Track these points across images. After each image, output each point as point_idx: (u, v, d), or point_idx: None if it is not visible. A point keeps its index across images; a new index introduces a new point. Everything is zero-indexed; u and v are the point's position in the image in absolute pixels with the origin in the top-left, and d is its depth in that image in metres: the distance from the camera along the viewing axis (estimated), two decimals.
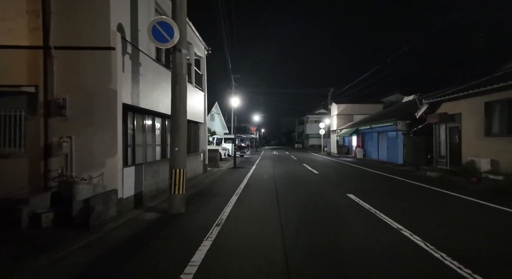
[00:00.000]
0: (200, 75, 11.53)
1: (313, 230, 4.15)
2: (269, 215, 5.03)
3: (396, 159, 15.91)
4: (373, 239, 3.74)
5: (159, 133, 7.78)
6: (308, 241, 3.71)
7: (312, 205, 5.82)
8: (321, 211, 5.28)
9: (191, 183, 8.66)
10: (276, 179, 9.77)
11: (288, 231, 4.09)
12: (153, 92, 6.67)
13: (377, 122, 17.77)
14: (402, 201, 6.36)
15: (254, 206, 5.75)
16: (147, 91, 6.30)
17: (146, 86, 6.22)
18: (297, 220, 4.66)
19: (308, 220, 4.70)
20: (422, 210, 5.43)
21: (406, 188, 8.12)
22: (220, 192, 7.33)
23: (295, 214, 5.04)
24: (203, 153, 11.51)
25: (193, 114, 10.13)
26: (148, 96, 6.37)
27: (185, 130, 5.45)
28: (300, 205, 5.77)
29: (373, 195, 6.86)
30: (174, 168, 5.23)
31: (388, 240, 3.72)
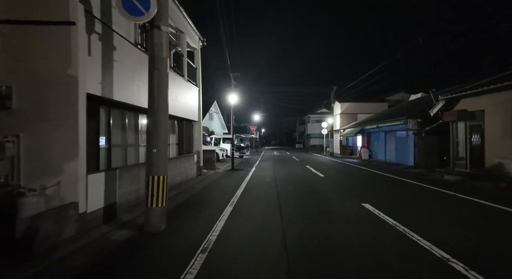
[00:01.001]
0: (194, 69, 10.50)
1: (331, 263, 3.10)
2: (271, 234, 3.99)
3: (405, 160, 14.86)
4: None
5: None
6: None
7: (324, 220, 4.77)
8: (337, 230, 4.23)
9: (181, 188, 7.62)
10: (277, 183, 8.73)
11: (296, 264, 3.04)
12: (133, 83, 5.64)
13: (385, 121, 16.72)
14: (432, 213, 5.31)
15: (252, 220, 4.71)
16: (124, 81, 5.27)
17: (123, 76, 5.19)
18: (307, 245, 3.62)
19: (321, 245, 3.66)
20: (466, 230, 4.38)
21: (428, 196, 7.07)
22: (213, 200, 6.29)
23: (304, 235, 4.00)
24: (197, 154, 10.48)
25: (185, 112, 9.11)
26: (126, 88, 5.34)
27: (166, 128, 4.42)
28: (309, 220, 4.72)
29: (394, 206, 5.82)
30: (151, 175, 4.19)
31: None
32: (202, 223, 4.51)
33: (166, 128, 4.39)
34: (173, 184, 7.80)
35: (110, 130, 5.27)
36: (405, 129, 14.32)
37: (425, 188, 8.01)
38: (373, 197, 6.59)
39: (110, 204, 4.74)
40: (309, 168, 13.53)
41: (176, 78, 8.23)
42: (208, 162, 13.08)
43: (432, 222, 4.59)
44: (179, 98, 8.45)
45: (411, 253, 3.31)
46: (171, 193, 6.91)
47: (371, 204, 5.76)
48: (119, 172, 5.07)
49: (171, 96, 7.86)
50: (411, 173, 11.74)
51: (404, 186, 8.53)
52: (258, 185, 8.52)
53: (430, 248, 3.40)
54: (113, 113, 5.40)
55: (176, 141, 9.25)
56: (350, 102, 26.67)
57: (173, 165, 7.92)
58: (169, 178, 7.89)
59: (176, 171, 8.10)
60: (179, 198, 6.57)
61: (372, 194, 7.16)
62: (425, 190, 7.80)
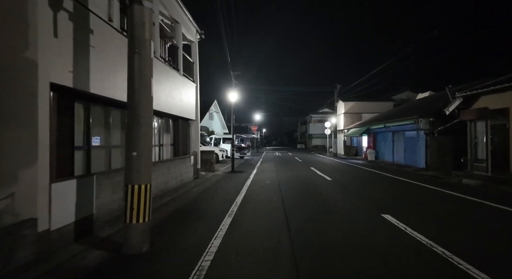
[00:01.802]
0: (191, 63, 9.73)
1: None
2: (278, 257, 3.20)
3: (415, 162, 14.04)
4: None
5: None
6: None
7: (339, 236, 3.98)
8: (356, 251, 3.44)
9: (175, 194, 6.84)
10: (282, 188, 7.93)
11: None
12: (117, 75, 4.85)
13: (393, 121, 15.90)
14: (473, 229, 4.51)
15: (255, 238, 3.92)
16: (106, 72, 4.50)
17: (103, 66, 4.42)
18: (323, 272, 2.83)
19: (341, 272, 2.87)
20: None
21: (455, 204, 6.28)
22: (210, 210, 5.51)
23: (317, 257, 3.21)
24: (194, 155, 9.71)
25: (181, 109, 8.34)
26: (107, 80, 4.56)
27: (149, 126, 3.63)
28: (322, 236, 3.93)
29: (418, 217, 5.03)
30: (131, 183, 3.42)
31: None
32: (194, 242, 3.73)
33: (150, 127, 3.61)
34: (166, 189, 7.02)
35: (89, 130, 4.50)
36: (416, 129, 13.50)
37: (446, 194, 7.20)
38: (392, 206, 5.79)
39: (84, 217, 3.95)
40: (314, 170, 12.73)
41: (170, 73, 7.45)
42: (207, 163, 12.31)
43: (479, 244, 3.79)
44: (173, 95, 7.68)
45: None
46: (163, 200, 6.14)
47: (392, 214, 4.96)
48: (97, 178, 4.29)
49: (163, 91, 7.11)
50: (424, 176, 10.92)
51: (422, 191, 7.72)
52: (260, 190, 7.73)
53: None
54: (94, 109, 4.63)
55: (171, 141, 8.48)
56: (354, 102, 25.84)
57: (167, 168, 7.14)
58: (162, 183, 7.14)
59: (170, 174, 7.33)
60: (171, 206, 5.78)
61: (389, 201, 6.36)
62: (448, 196, 6.99)
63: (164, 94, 6.93)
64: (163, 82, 6.92)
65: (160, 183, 6.63)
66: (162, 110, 6.89)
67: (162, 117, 7.70)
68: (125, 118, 5.66)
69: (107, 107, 5.02)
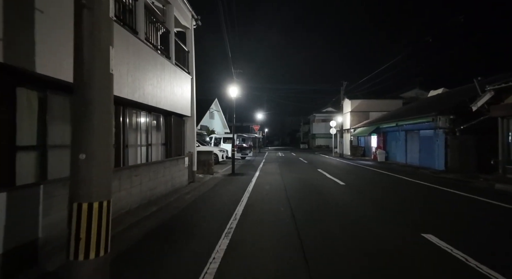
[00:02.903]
0: (186, 53, 8.64)
1: None
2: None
3: (431, 163, 12.87)
4: None
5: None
6: None
7: (382, 273, 2.86)
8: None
9: (162, 202, 5.75)
10: (289, 195, 6.81)
11: None
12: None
13: (407, 119, 14.73)
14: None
15: (260, 273, 2.80)
16: (63, 49, 3.40)
17: (60, 39, 3.32)
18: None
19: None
20: None
21: (503, 217, 5.14)
22: (201, 226, 4.40)
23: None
24: (189, 156, 8.61)
25: (173, 104, 7.25)
26: (67, 59, 3.46)
27: (107, 115, 2.50)
28: (357, 274, 2.81)
29: (470, 238, 3.90)
30: (77, 201, 2.31)
31: None
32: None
33: (108, 116, 2.48)
34: (153, 196, 5.93)
35: (45, 125, 3.41)
36: (434, 127, 12.34)
37: (486, 204, 6.06)
38: (429, 221, 4.67)
39: (24, 244, 2.86)
40: (323, 173, 11.59)
41: (159, 60, 6.36)
42: (205, 165, 11.21)
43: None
44: (163, 86, 6.60)
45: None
46: (147, 211, 5.05)
47: (435, 234, 3.84)
48: (47, 188, 3.19)
49: (150, 80, 6.00)
50: (447, 180, 9.76)
51: (454, 199, 6.58)
52: (264, 197, 6.61)
53: None
54: (52, 98, 3.54)
55: (162, 140, 7.40)
56: (361, 100, 24.65)
57: (154, 171, 6.05)
58: (147, 190, 5.99)
59: (158, 179, 6.23)
60: (155, 219, 4.68)
61: (422, 214, 5.23)
62: (491, 207, 5.85)
63: (150, 83, 5.85)
64: (149, 70, 5.84)
65: (144, 190, 5.54)
66: (148, 103, 5.81)
67: (150, 112, 6.62)
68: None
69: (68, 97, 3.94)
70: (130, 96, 5.10)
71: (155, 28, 6.83)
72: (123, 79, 4.82)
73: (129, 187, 4.96)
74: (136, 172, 5.22)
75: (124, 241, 3.62)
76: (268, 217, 4.84)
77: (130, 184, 4.99)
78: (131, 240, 3.69)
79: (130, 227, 4.19)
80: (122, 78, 4.76)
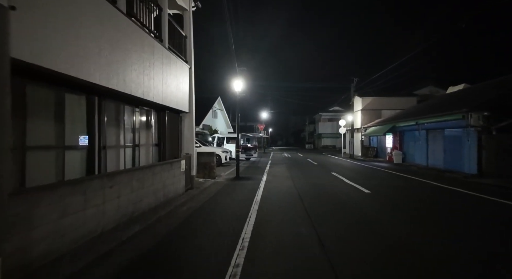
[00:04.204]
0: (182, 38, 7.41)
1: None
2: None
3: (460, 166, 11.47)
4: None
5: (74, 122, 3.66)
6: None
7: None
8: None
9: (149, 219, 4.50)
10: (308, 209, 5.53)
11: None
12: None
13: (429, 117, 13.32)
14: None
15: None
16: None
17: None
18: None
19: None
20: None
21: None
22: (195, 262, 3.13)
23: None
24: (187, 159, 7.38)
25: (167, 97, 6.03)
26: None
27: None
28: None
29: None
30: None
31: None
32: None
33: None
34: (137, 211, 4.69)
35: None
36: (464, 125, 10.93)
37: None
38: (506, 254, 3.35)
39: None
40: (339, 177, 10.27)
41: (146, 40, 5.13)
42: (206, 168, 9.99)
43: None
44: (153, 74, 5.37)
45: None
46: (126, 234, 3.82)
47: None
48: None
49: (133, 65, 4.68)
50: (487, 187, 8.38)
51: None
52: (277, 212, 5.34)
53: None
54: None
55: (153, 141, 6.19)
56: (373, 97, 23.20)
57: (138, 180, 4.81)
58: (128, 204, 4.25)
59: (145, 189, 4.99)
60: (131, 249, 3.43)
61: (494, 243, 3.92)
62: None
63: (134, 69, 4.62)
64: (134, 51, 4.61)
65: (124, 205, 4.30)
66: (132, 93, 4.58)
67: (137, 106, 5.40)
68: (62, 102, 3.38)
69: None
70: (104, 82, 3.88)
71: (144, 5, 5.59)
72: (93, 58, 3.60)
73: (101, 203, 3.72)
74: (112, 181, 3.99)
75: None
76: (287, 246, 3.56)
77: (103, 198, 3.76)
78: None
79: (92, 264, 2.96)
80: (90, 57, 3.54)
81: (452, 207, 5.80)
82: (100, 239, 3.57)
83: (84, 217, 3.38)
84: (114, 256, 3.18)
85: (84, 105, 4.03)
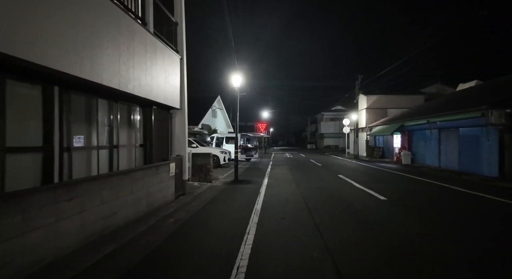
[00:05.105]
0: (173, 24, 6.56)
1: None
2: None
3: (477, 168, 10.58)
4: None
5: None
6: None
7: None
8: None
9: (124, 237, 3.65)
10: (317, 221, 4.66)
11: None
12: None
13: (442, 115, 12.42)
14: None
15: None
16: None
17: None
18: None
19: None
20: None
21: None
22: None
23: None
24: (177, 161, 6.52)
25: (152, 91, 5.18)
26: None
27: None
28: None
29: None
30: None
31: None
32: None
33: None
34: (109, 228, 3.82)
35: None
36: (483, 124, 10.03)
37: None
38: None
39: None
40: (348, 181, 9.39)
41: (124, 20, 4.27)
42: (202, 170, 9.14)
43: None
44: (133, 63, 4.52)
45: None
46: (89, 260, 2.97)
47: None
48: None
49: (105, 49, 3.78)
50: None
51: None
52: (281, 226, 4.47)
53: None
54: None
55: (138, 141, 5.35)
56: (379, 95, 22.30)
57: (111, 188, 3.95)
58: (98, 218, 2.37)
59: (120, 199, 4.13)
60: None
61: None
62: None
63: (105, 53, 3.76)
64: (106, 32, 3.76)
65: (90, 221, 3.44)
66: (103, 83, 3.72)
67: (116, 100, 4.56)
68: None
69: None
70: (64, 67, 3.03)
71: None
72: (45, 35, 2.75)
73: (53, 221, 2.87)
74: (71, 192, 3.13)
75: None
76: (295, 275, 2.70)
77: (55, 216, 2.91)
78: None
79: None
80: (41, 33, 2.70)
81: (493, 220, 4.91)
82: (46, 272, 2.71)
83: (23, 244, 2.52)
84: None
85: (39, 98, 3.19)
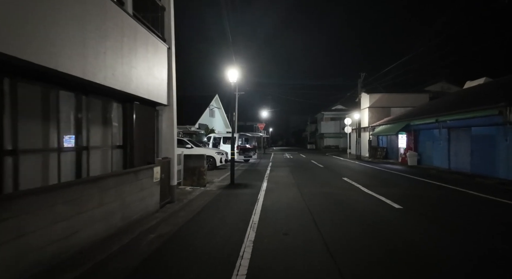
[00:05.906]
0: (158, 8, 5.78)
1: None
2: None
3: (492, 170, 9.85)
4: None
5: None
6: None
7: None
8: None
9: (86, 263, 2.87)
10: (326, 238, 3.90)
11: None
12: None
13: (452, 113, 11.68)
14: None
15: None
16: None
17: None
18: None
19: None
20: None
21: None
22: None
23: None
24: (163, 165, 5.74)
25: (131, 83, 4.40)
26: None
27: None
28: None
29: None
30: None
31: None
32: None
33: None
34: (66, 252, 3.04)
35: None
36: (500, 122, 9.30)
37: None
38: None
39: None
40: (354, 184, 8.63)
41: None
42: (195, 173, 8.36)
43: None
44: (106, 49, 3.74)
45: None
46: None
47: None
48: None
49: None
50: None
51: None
52: (283, 248, 3.71)
53: None
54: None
55: (115, 141, 4.58)
56: (382, 94, 21.55)
57: (68, 202, 3.16)
58: (48, 242, 1.43)
59: (83, 214, 3.34)
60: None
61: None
62: None
63: (63, 33, 2.98)
64: (67, 9, 2.98)
65: (32, 248, 2.65)
66: (60, 69, 2.94)
67: (86, 94, 3.80)
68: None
69: None
70: (3, 48, 2.27)
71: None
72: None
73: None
74: (7, 212, 2.35)
75: None
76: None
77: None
78: None
79: None
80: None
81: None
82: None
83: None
84: None
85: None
